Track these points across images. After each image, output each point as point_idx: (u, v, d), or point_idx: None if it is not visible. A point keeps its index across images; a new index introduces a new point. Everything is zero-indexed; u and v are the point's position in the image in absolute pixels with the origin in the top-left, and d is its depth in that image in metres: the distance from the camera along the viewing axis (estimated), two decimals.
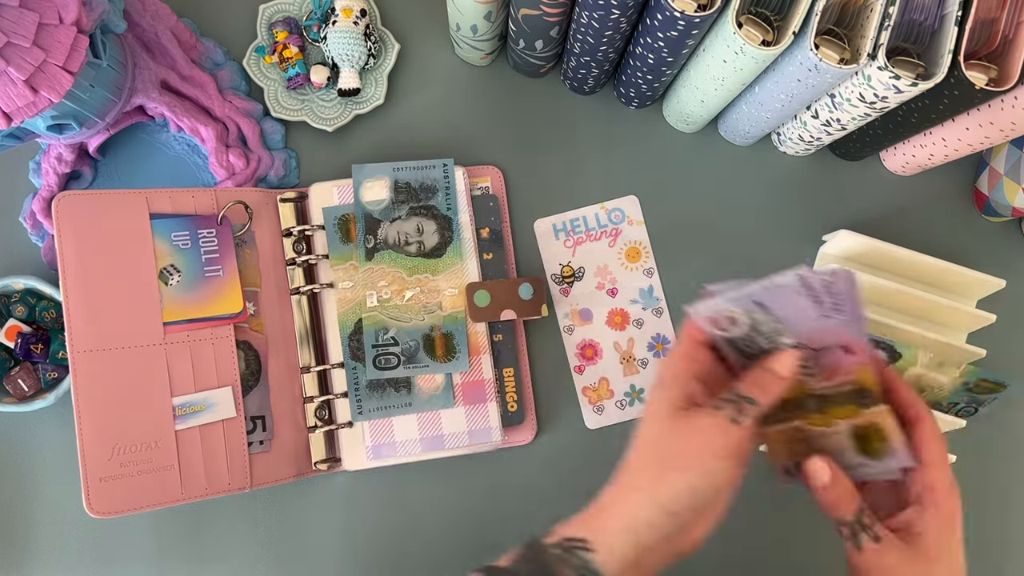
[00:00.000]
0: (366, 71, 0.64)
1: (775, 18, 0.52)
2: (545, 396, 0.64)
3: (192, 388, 0.55)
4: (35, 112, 0.49)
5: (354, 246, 0.60)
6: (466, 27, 0.60)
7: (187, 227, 0.57)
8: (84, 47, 0.49)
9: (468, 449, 0.60)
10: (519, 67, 0.66)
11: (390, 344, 0.60)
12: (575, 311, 0.65)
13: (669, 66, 0.57)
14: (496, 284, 0.61)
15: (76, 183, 0.62)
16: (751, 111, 0.60)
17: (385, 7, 0.66)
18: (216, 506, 0.61)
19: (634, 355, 0.65)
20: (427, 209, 0.61)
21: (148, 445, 0.54)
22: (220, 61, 0.64)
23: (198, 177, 0.63)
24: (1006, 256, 0.68)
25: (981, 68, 0.51)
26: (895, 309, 0.64)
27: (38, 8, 0.48)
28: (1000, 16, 0.52)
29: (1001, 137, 0.56)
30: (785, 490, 0.50)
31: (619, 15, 0.51)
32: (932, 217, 0.68)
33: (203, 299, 0.57)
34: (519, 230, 0.66)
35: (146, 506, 0.53)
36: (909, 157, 0.65)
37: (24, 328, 0.59)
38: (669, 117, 0.67)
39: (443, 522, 0.62)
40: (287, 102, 0.64)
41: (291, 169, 0.64)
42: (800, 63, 0.51)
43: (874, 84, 0.51)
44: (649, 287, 0.65)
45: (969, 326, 0.64)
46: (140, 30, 0.60)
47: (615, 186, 0.66)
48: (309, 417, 0.60)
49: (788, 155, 0.68)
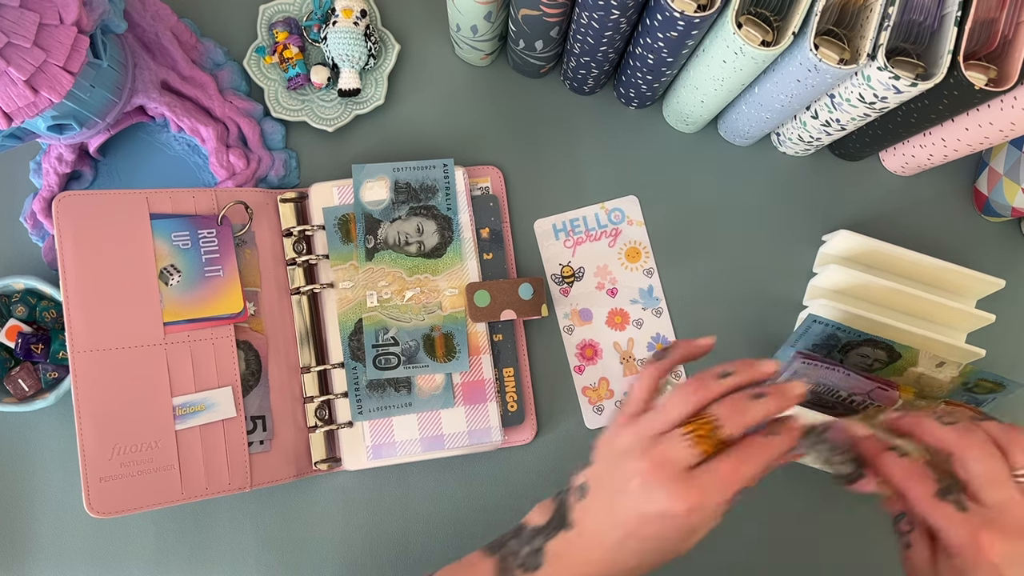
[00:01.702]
0: (366, 71, 0.64)
1: (775, 18, 0.52)
2: (545, 396, 0.64)
3: (192, 388, 0.56)
4: (35, 112, 0.49)
5: (354, 246, 0.61)
6: (466, 27, 0.60)
7: (187, 227, 0.57)
8: (84, 47, 0.49)
9: (468, 449, 0.60)
10: (519, 67, 0.66)
11: (390, 344, 0.60)
12: (575, 311, 0.65)
13: (669, 66, 0.57)
14: (496, 284, 0.61)
15: (76, 183, 0.62)
16: (751, 111, 0.60)
17: (385, 7, 0.66)
18: (216, 506, 0.61)
19: (634, 355, 0.65)
20: (427, 209, 0.61)
21: (148, 445, 0.54)
22: (220, 61, 0.64)
23: (198, 177, 0.63)
24: (1006, 256, 0.68)
25: (980, 68, 0.51)
26: (895, 309, 0.64)
27: (38, 8, 0.48)
28: (999, 16, 0.52)
29: (1001, 137, 0.56)
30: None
31: (619, 15, 0.51)
32: (932, 217, 0.68)
33: (203, 299, 0.57)
34: (519, 230, 0.66)
35: (146, 506, 0.54)
36: (909, 157, 0.65)
37: (24, 328, 0.59)
38: (669, 117, 0.67)
39: (443, 522, 0.62)
40: (287, 102, 0.64)
41: (291, 169, 0.64)
42: (800, 63, 0.51)
43: (874, 84, 0.51)
44: (649, 287, 0.65)
45: (969, 326, 0.64)
46: (140, 30, 0.60)
47: (615, 186, 0.67)
48: (309, 417, 0.60)
49: (788, 155, 0.68)
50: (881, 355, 0.59)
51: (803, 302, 0.66)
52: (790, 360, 0.57)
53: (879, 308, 0.64)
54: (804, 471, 0.63)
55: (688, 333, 0.65)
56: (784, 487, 0.64)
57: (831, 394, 0.59)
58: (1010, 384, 0.58)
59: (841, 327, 0.58)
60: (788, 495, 0.64)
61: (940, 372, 0.59)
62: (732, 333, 0.65)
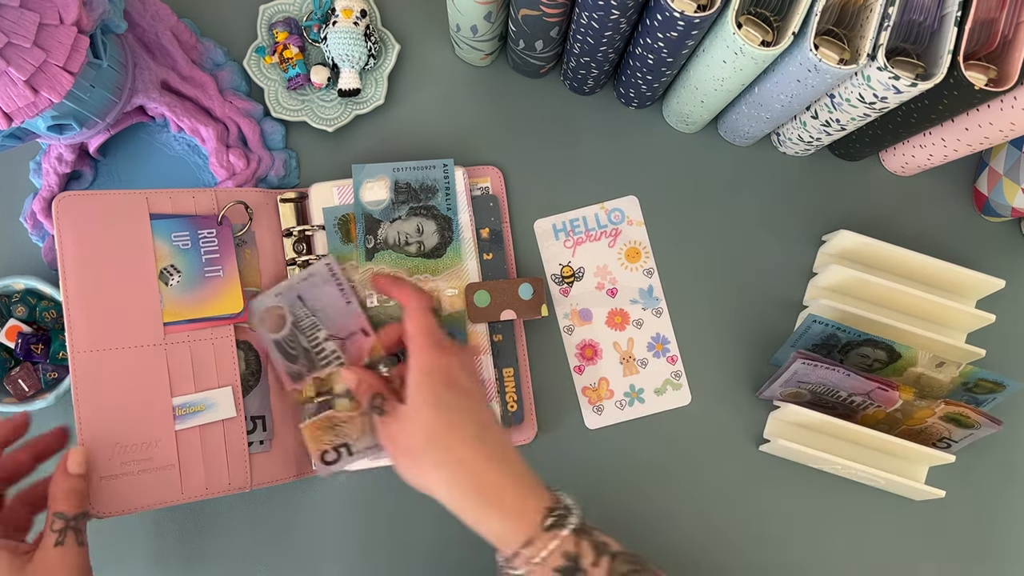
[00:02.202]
0: (366, 71, 0.64)
1: (775, 18, 0.52)
2: (545, 396, 0.64)
3: (192, 388, 0.55)
4: (36, 112, 0.49)
5: (354, 246, 0.61)
6: (466, 27, 0.60)
7: (187, 227, 0.57)
8: (84, 47, 0.49)
9: None
10: (519, 67, 0.66)
11: None
12: (575, 311, 0.65)
13: (669, 66, 0.57)
14: (496, 284, 0.61)
15: (76, 183, 0.62)
16: (751, 111, 0.60)
17: (385, 7, 0.66)
18: (216, 506, 0.61)
19: (634, 355, 0.65)
20: (427, 209, 0.61)
21: (148, 445, 0.54)
22: (220, 61, 0.64)
23: (198, 177, 0.63)
24: (1006, 256, 0.68)
25: (980, 68, 0.51)
26: (895, 309, 0.64)
27: (38, 8, 0.48)
28: (999, 16, 0.52)
29: (1001, 137, 0.56)
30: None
31: (619, 15, 0.51)
32: (932, 217, 0.68)
33: (203, 299, 0.57)
34: (519, 230, 0.66)
35: (146, 506, 0.53)
36: (909, 157, 0.65)
37: (24, 328, 0.59)
38: (669, 117, 0.67)
39: (443, 522, 0.62)
40: (287, 102, 0.64)
41: (291, 169, 0.64)
42: (800, 63, 0.51)
43: (874, 84, 0.51)
44: (649, 287, 0.65)
45: (969, 326, 0.64)
46: (140, 30, 0.60)
47: (615, 186, 0.67)
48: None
49: (788, 155, 0.68)
50: (881, 355, 0.59)
51: (803, 302, 0.66)
52: (790, 360, 0.57)
53: (879, 308, 0.64)
54: (804, 468, 0.62)
55: (688, 333, 0.65)
56: (786, 486, 0.64)
57: (831, 394, 0.59)
58: (1010, 384, 0.58)
59: (841, 327, 0.58)
60: (788, 494, 0.64)
61: (940, 372, 0.59)
62: (732, 333, 0.65)
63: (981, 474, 0.65)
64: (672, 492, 0.63)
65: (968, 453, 0.63)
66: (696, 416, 0.64)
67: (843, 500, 0.64)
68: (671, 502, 0.63)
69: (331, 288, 0.50)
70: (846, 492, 0.64)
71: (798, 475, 0.64)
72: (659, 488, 0.63)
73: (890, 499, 0.64)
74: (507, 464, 0.48)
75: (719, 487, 0.64)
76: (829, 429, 0.61)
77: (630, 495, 0.63)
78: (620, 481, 0.63)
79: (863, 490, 0.64)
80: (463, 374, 0.50)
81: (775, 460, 0.64)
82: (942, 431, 0.60)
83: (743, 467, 0.64)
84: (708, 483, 0.64)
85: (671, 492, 0.63)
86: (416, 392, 0.49)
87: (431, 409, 0.48)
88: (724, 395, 0.65)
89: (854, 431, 0.59)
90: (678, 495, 0.63)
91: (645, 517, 0.63)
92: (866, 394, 0.58)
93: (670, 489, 0.64)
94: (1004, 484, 0.65)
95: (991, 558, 0.64)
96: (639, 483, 0.63)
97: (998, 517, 0.65)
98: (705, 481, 0.64)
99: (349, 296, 0.51)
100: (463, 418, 0.48)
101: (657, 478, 0.63)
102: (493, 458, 0.47)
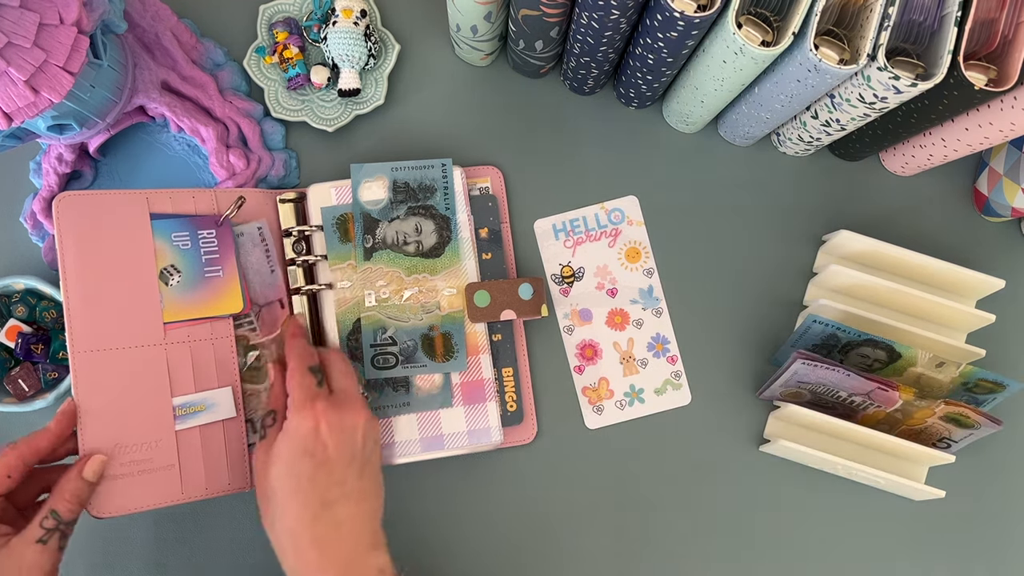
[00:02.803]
0: (366, 71, 0.64)
1: (775, 18, 0.52)
2: (545, 396, 0.64)
3: (192, 388, 0.56)
4: (36, 112, 0.49)
5: (352, 246, 0.61)
6: (466, 28, 0.60)
7: (187, 227, 0.57)
8: (84, 48, 0.49)
9: (468, 449, 0.60)
10: (519, 67, 0.66)
11: (388, 344, 0.60)
12: (575, 311, 0.65)
13: (669, 66, 0.57)
14: (496, 284, 0.61)
15: (76, 183, 0.62)
16: (751, 111, 0.60)
17: (385, 7, 0.66)
18: (216, 506, 0.61)
19: (634, 355, 0.65)
20: (425, 209, 0.61)
21: (148, 445, 0.54)
22: (220, 61, 0.64)
23: (198, 177, 0.63)
24: (1006, 256, 0.68)
25: (980, 68, 0.51)
26: (895, 309, 0.64)
27: (38, 8, 0.48)
28: (999, 16, 0.52)
29: (1001, 137, 0.56)
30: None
31: (619, 15, 0.51)
32: (932, 217, 0.68)
33: (203, 299, 0.57)
34: (519, 230, 0.66)
35: (146, 506, 0.54)
36: (909, 157, 0.65)
37: (24, 328, 0.59)
38: (669, 117, 0.67)
39: (442, 522, 0.62)
40: (287, 102, 0.64)
41: (291, 169, 0.64)
42: (800, 63, 0.51)
43: (874, 85, 0.51)
44: (649, 287, 0.65)
45: (969, 326, 0.64)
46: (140, 31, 0.60)
47: (615, 186, 0.67)
48: None
49: (788, 155, 0.68)
50: (881, 355, 0.59)
51: (803, 302, 0.66)
52: (790, 360, 0.57)
53: (879, 308, 0.64)
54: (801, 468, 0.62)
55: (688, 333, 0.65)
56: (785, 487, 0.64)
57: (831, 394, 0.59)
58: (1010, 384, 0.58)
59: (841, 327, 0.58)
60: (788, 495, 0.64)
61: (940, 372, 0.59)
62: (732, 333, 0.65)
63: (981, 474, 0.65)
64: (672, 492, 0.64)
65: (968, 453, 0.63)
66: (696, 416, 0.64)
67: (843, 500, 0.64)
68: (671, 502, 0.63)
69: (259, 253, 0.50)
70: (846, 492, 0.64)
71: (798, 475, 0.64)
72: (659, 488, 0.63)
73: (890, 499, 0.64)
74: (332, 549, 0.47)
75: (719, 487, 0.64)
76: (829, 429, 0.61)
77: (630, 495, 0.63)
78: (620, 481, 0.63)
79: (863, 490, 0.64)
80: (331, 438, 0.49)
81: (775, 460, 0.64)
82: (942, 431, 0.60)
83: (743, 467, 0.64)
84: (708, 483, 0.64)
85: (671, 492, 0.64)
86: (281, 443, 0.49)
87: (284, 468, 0.49)
88: (724, 395, 0.65)
89: (854, 431, 0.59)
90: (678, 495, 0.63)
91: (645, 517, 0.63)
92: (866, 394, 0.58)
93: (670, 489, 0.64)
94: (1004, 484, 0.65)
95: (991, 558, 0.64)
96: (639, 483, 0.63)
97: (998, 517, 0.65)
98: (705, 481, 0.64)
99: (274, 264, 0.51)
100: (308, 490, 0.48)
101: (657, 478, 0.64)
102: (319, 542, 0.47)
